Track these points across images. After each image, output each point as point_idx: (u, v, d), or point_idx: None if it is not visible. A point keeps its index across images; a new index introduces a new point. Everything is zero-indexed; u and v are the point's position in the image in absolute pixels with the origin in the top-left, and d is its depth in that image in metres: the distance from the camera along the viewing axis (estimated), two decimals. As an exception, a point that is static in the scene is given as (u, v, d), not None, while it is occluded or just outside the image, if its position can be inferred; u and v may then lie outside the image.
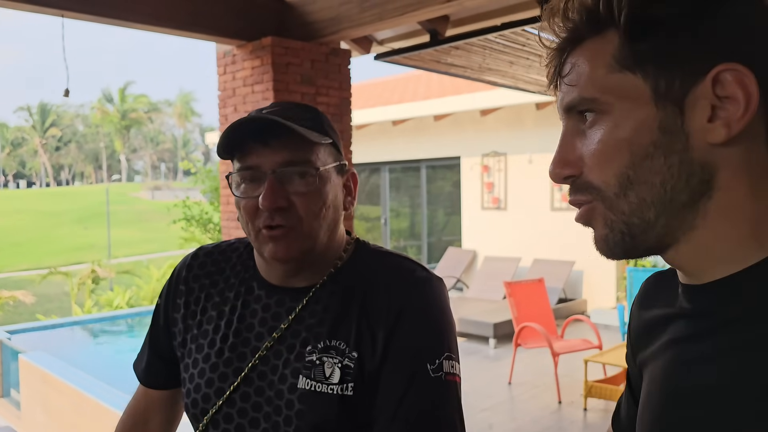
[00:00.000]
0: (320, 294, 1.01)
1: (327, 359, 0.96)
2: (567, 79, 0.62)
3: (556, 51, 0.63)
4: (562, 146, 0.62)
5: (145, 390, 1.18)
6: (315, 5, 4.32)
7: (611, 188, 0.59)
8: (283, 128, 0.94)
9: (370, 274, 1.02)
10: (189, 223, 11.98)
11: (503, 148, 9.31)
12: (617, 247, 0.61)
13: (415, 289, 0.99)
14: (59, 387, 5.08)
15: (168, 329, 1.12)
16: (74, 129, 78.68)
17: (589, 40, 0.60)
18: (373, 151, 10.91)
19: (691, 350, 0.60)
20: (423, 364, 0.94)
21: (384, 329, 0.96)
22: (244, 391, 0.99)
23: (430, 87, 10.37)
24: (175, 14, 4.03)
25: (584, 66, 0.60)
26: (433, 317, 0.98)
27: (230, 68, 4.66)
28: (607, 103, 0.58)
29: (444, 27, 4.70)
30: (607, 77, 0.59)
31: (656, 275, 0.76)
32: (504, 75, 5.66)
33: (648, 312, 0.72)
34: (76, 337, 8.01)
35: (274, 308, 1.02)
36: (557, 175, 0.62)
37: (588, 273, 8.49)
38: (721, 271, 0.58)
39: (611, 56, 0.58)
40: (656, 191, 0.57)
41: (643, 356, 0.71)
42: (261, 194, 0.94)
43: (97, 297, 12.87)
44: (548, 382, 5.53)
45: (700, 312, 0.60)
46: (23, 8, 3.59)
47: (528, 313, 5.85)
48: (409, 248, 11.43)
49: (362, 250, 1.08)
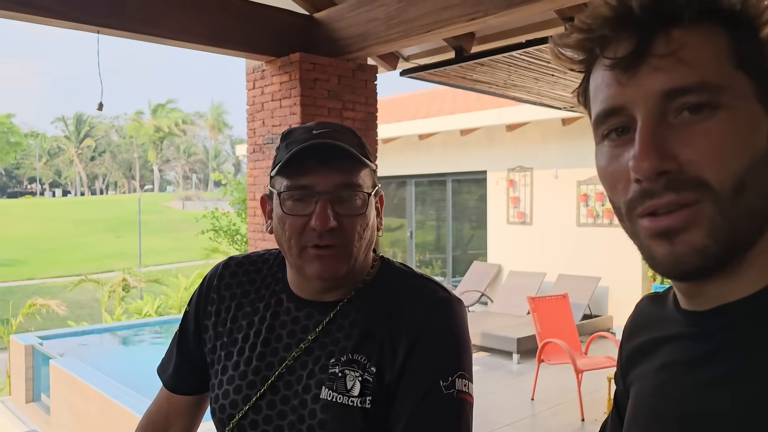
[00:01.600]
0: (347, 309, 1.05)
1: (349, 372, 1.00)
2: (682, 55, 0.53)
3: (633, 23, 0.55)
4: (652, 135, 0.54)
5: (168, 395, 1.20)
6: (342, 22, 4.41)
7: (727, 189, 0.53)
8: (341, 151, 0.98)
9: (394, 293, 1.06)
10: (217, 233, 12.15)
11: (529, 163, 9.29)
12: (713, 260, 0.54)
13: (437, 309, 1.03)
14: (87, 392, 5.19)
15: (198, 335, 1.14)
16: (109, 139, 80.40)
17: (697, 25, 0.54)
18: (399, 164, 10.97)
19: (691, 375, 0.58)
20: (436, 380, 0.97)
21: (405, 346, 1.00)
22: (270, 398, 1.03)
23: (456, 102, 10.41)
24: (206, 30, 4.15)
25: (705, 50, 0.54)
26: (450, 336, 1.02)
27: (259, 83, 4.77)
28: (729, 97, 0.53)
29: (469, 44, 4.75)
30: (731, 71, 0.54)
31: (650, 297, 0.75)
32: (529, 91, 5.68)
33: (641, 333, 0.71)
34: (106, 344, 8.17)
35: (303, 321, 1.06)
36: (654, 169, 0.53)
37: (613, 289, 8.40)
38: (734, 294, 0.56)
39: (726, 49, 0.54)
40: (761, 201, 0.54)
41: (633, 376, 0.70)
42: (312, 213, 0.97)
43: (126, 305, 13.11)
44: (571, 399, 5.48)
45: (700, 335, 0.59)
46: (62, 25, 3.73)
47: (552, 329, 5.82)
48: (434, 261, 11.43)
49: (387, 267, 1.12)
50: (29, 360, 6.81)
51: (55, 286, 23.65)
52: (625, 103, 0.56)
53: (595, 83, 0.60)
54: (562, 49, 0.61)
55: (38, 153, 77.11)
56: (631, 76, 0.55)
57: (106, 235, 36.50)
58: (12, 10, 3.43)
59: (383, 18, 4.11)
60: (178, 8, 4.03)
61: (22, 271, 27.51)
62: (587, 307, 8.10)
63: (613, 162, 0.59)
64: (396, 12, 4.02)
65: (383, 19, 4.11)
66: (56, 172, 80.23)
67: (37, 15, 3.53)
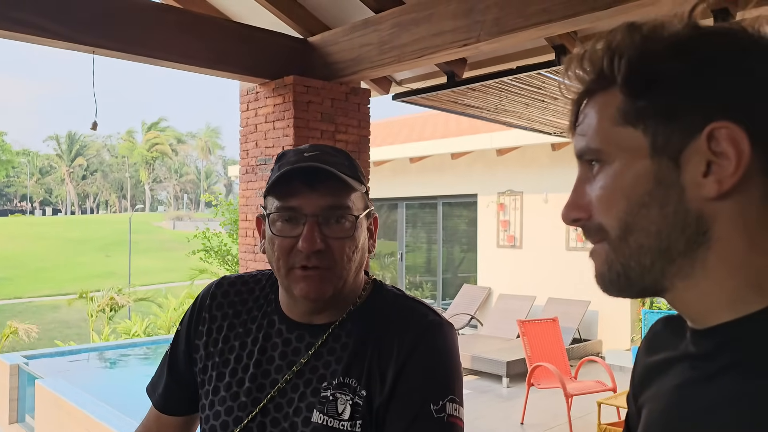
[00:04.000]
0: (339, 332, 1.05)
1: (340, 396, 1.00)
2: (578, 128, 0.66)
3: (574, 101, 0.67)
4: (574, 191, 0.66)
5: (158, 416, 1.19)
6: (336, 46, 4.47)
7: (615, 231, 0.62)
8: (329, 174, 0.99)
9: (385, 316, 1.07)
10: (208, 254, 12.11)
11: (519, 187, 9.36)
12: (612, 285, 0.64)
13: (427, 332, 1.04)
14: (73, 413, 5.12)
15: (189, 355, 1.14)
16: (101, 158, 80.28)
17: (600, 93, 0.64)
18: (390, 187, 11.02)
19: (693, 397, 0.60)
20: (427, 404, 0.98)
21: (393, 370, 1.01)
22: (261, 421, 1.03)
23: (447, 126, 10.51)
24: (201, 53, 4.19)
25: (592, 118, 0.64)
26: (440, 360, 1.03)
27: (253, 105, 4.81)
28: (609, 154, 0.62)
29: (461, 69, 4.82)
30: (611, 130, 0.62)
31: (665, 319, 0.77)
32: (520, 116, 5.75)
33: (654, 354, 0.73)
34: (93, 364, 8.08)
35: (294, 343, 1.06)
36: (566, 216, 0.66)
37: (603, 314, 8.42)
38: (723, 316, 0.59)
39: (616, 110, 0.62)
40: (652, 239, 0.60)
41: (644, 398, 0.72)
42: (300, 235, 0.99)
43: (114, 325, 12.99)
44: (561, 424, 5.46)
45: (704, 356, 0.61)
46: (57, 45, 3.76)
47: (541, 353, 5.82)
48: (424, 284, 11.43)
49: (379, 290, 1.12)
50: (14, 380, 6.71)
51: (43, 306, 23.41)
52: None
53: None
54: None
55: (29, 171, 76.82)
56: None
57: (95, 254, 36.25)
58: (7, 29, 3.45)
59: (376, 43, 4.17)
60: (174, 30, 4.07)
61: (10, 290, 27.22)
62: (577, 331, 8.11)
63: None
64: (389, 37, 4.09)
65: (376, 44, 4.17)
66: (47, 190, 79.90)
67: (33, 35, 3.55)
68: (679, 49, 0.59)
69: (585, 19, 3.25)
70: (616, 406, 4.81)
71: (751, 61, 0.58)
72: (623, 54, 0.61)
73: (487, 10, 3.57)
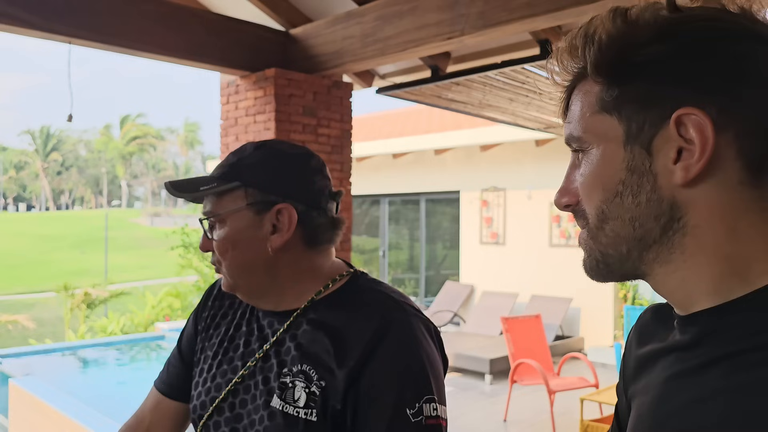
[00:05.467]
0: (300, 320, 1.06)
1: (298, 383, 1.00)
2: (568, 116, 0.66)
3: (565, 88, 0.67)
4: (566, 177, 0.67)
5: (156, 402, 1.22)
6: (318, 39, 4.40)
7: (593, 219, 0.63)
8: (188, 186, 1.09)
9: (349, 308, 1.03)
10: (187, 250, 11.97)
11: (503, 184, 9.36)
12: (593, 272, 0.65)
13: (388, 332, 0.98)
14: (48, 413, 5.01)
15: (195, 340, 1.22)
16: (76, 154, 79.10)
17: (584, 81, 0.64)
18: (373, 183, 10.97)
19: (682, 389, 0.60)
20: (402, 409, 0.93)
21: (350, 366, 0.96)
22: (231, 401, 1.08)
23: (431, 121, 10.48)
24: (181, 44, 4.10)
25: (577, 106, 0.64)
26: (408, 359, 0.97)
27: (233, 98, 4.72)
28: (588, 142, 0.63)
29: (445, 63, 4.78)
30: (591, 118, 0.63)
31: (654, 307, 0.76)
32: (504, 111, 5.73)
33: (643, 345, 0.72)
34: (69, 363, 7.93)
35: (266, 329, 1.11)
36: (558, 202, 0.67)
37: (585, 311, 8.45)
38: (705, 302, 0.59)
39: (596, 98, 0.62)
40: (627, 227, 0.61)
41: (634, 389, 0.71)
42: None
43: (91, 323, 12.78)
44: (544, 420, 5.46)
45: (690, 345, 0.61)
46: (32, 34, 3.65)
47: (524, 350, 5.81)
48: (407, 281, 11.40)
49: (354, 282, 1.09)
50: (-13, 379, 6.56)
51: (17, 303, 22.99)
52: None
53: None
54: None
55: (3, 167, 75.47)
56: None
57: (70, 251, 35.69)
58: (-21, 17, 3.34)
59: (359, 35, 4.11)
60: (153, 21, 3.98)
61: (-17, 288, 26.69)
62: (559, 328, 8.14)
63: None
64: (372, 30, 4.03)
65: (359, 37, 4.11)
66: (21, 186, 78.53)
67: (8, 24, 3.44)
68: (654, 34, 0.58)
69: (569, 13, 3.22)
70: (598, 402, 4.81)
71: (727, 44, 0.57)
72: (596, 40, 0.60)
73: (471, 3, 3.53)
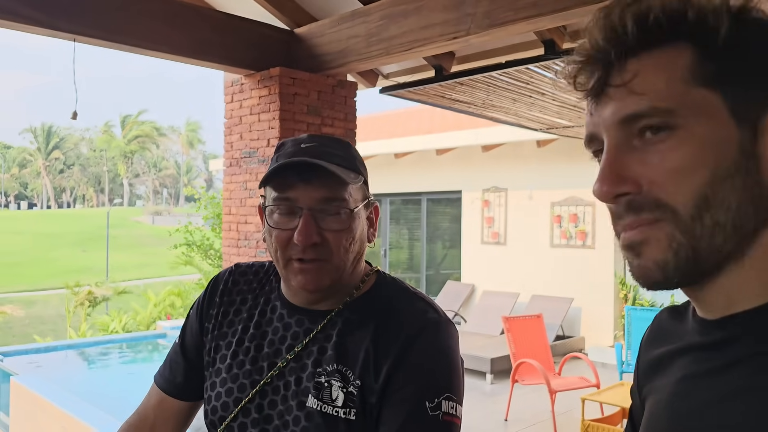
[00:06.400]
0: (336, 319, 1.06)
1: (335, 382, 1.01)
2: (632, 85, 0.56)
3: (599, 57, 0.58)
4: (612, 161, 0.57)
5: (159, 401, 1.19)
6: (323, 38, 4.41)
7: (687, 208, 0.55)
8: (323, 169, 0.99)
9: (383, 308, 1.06)
10: (190, 248, 11.99)
11: (504, 184, 9.37)
12: (675, 273, 0.56)
13: (424, 330, 1.02)
14: (50, 411, 5.02)
15: (200, 338, 1.17)
16: (78, 152, 79.12)
17: (656, 50, 0.57)
18: (374, 182, 10.80)
19: (700, 389, 0.58)
20: (422, 401, 0.97)
21: (388, 365, 1.00)
22: (259, 402, 1.05)
23: (433, 121, 10.48)
24: (186, 42, 4.11)
25: (657, 76, 0.56)
26: (437, 358, 1.02)
27: (237, 96, 4.73)
28: (684, 117, 0.55)
29: (449, 63, 4.79)
30: (685, 91, 0.55)
31: (670, 309, 0.74)
32: (507, 112, 5.73)
33: (659, 345, 0.70)
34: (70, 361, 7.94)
35: (293, 328, 1.08)
36: (610, 192, 0.57)
37: (586, 311, 8.46)
38: (745, 304, 0.56)
39: (686, 70, 0.55)
40: (731, 215, 0.54)
41: (648, 389, 0.70)
42: (296, 228, 1.00)
43: (93, 320, 12.80)
44: (545, 420, 5.47)
45: (712, 346, 0.59)
46: (36, 32, 3.65)
47: (525, 349, 5.82)
48: (408, 280, 11.32)
49: (381, 281, 1.12)
50: (-11, 377, 6.58)
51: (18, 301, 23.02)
52: (595, 131, 0.60)
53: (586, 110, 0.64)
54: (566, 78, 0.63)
55: (4, 164, 75.48)
56: (597, 105, 0.59)
57: (72, 249, 35.73)
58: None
59: (364, 35, 4.12)
60: (158, 19, 3.98)
61: (-17, 285, 26.72)
62: (560, 328, 8.14)
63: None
64: (377, 29, 4.04)
65: (364, 36, 4.12)
66: (22, 184, 78.55)
67: (12, 20, 3.44)
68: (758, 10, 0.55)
69: (575, 14, 3.23)
70: (599, 402, 4.82)
71: None
72: (704, 8, 0.55)
73: (477, 2, 3.54)
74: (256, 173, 4.57)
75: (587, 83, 0.60)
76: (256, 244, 4.61)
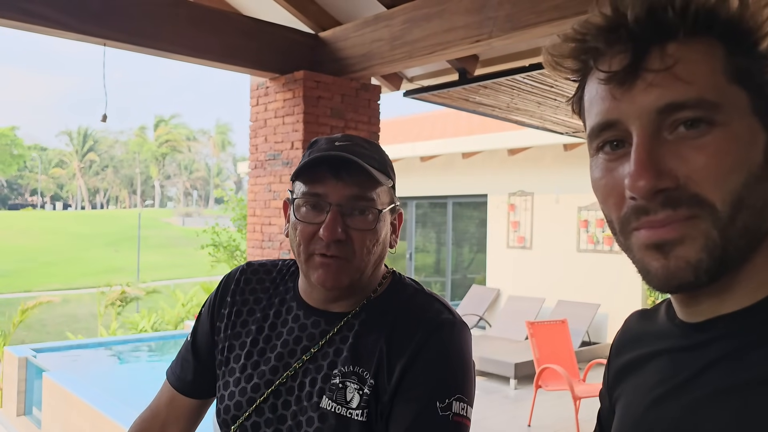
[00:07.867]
0: (353, 321, 1.07)
1: (350, 384, 1.01)
2: (677, 71, 0.52)
3: (634, 34, 0.54)
4: (647, 153, 0.53)
5: (171, 398, 1.19)
6: (347, 42, 4.44)
7: (726, 207, 0.52)
8: (356, 165, 1.00)
9: (399, 310, 1.07)
10: (217, 249, 12.15)
11: (530, 188, 9.30)
12: (705, 275, 0.53)
13: (437, 331, 1.03)
14: (80, 407, 5.13)
15: (211, 337, 1.17)
16: (112, 154, 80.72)
17: (693, 39, 0.53)
18: (400, 186, 10.80)
19: (685, 390, 0.57)
20: (433, 401, 0.97)
21: (401, 365, 1.00)
22: (273, 402, 1.05)
23: (458, 125, 10.46)
24: (212, 47, 4.18)
25: (702, 65, 0.53)
26: (449, 359, 1.02)
27: (263, 100, 4.79)
28: (728, 114, 0.52)
29: (473, 66, 4.78)
30: (726, 86, 0.53)
31: (640, 312, 0.73)
32: (531, 115, 5.70)
33: (630, 349, 0.69)
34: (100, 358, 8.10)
35: (309, 329, 1.08)
36: (651, 187, 0.52)
37: (612, 316, 8.34)
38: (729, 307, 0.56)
39: (722, 63, 0.53)
40: (757, 218, 0.53)
41: (619, 392, 0.68)
42: (322, 223, 1.00)
43: (123, 319, 13.04)
44: (569, 427, 5.41)
45: (690, 349, 0.58)
46: (67, 36, 3.75)
47: (550, 355, 5.77)
48: (433, 284, 11.38)
49: (398, 284, 1.13)
50: (22, 372, 6.74)
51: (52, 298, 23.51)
52: (620, 118, 0.55)
53: (590, 95, 0.59)
54: (557, 58, 0.60)
55: (41, 166, 77.38)
56: (626, 90, 0.54)
57: (104, 249, 36.43)
58: (18, 20, 3.45)
59: (388, 38, 4.14)
60: (185, 23, 4.06)
61: (20, 283, 27.39)
62: (586, 334, 8.04)
63: (607, 175, 0.58)
64: (400, 33, 4.05)
65: (387, 40, 4.14)
66: (58, 185, 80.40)
67: (44, 26, 3.55)
68: None
69: (599, 16, 3.20)
70: (625, 409, 4.75)
71: None
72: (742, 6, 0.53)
73: (499, 6, 3.53)
74: (280, 175, 4.62)
75: (611, 64, 0.55)
76: (279, 246, 4.65)
